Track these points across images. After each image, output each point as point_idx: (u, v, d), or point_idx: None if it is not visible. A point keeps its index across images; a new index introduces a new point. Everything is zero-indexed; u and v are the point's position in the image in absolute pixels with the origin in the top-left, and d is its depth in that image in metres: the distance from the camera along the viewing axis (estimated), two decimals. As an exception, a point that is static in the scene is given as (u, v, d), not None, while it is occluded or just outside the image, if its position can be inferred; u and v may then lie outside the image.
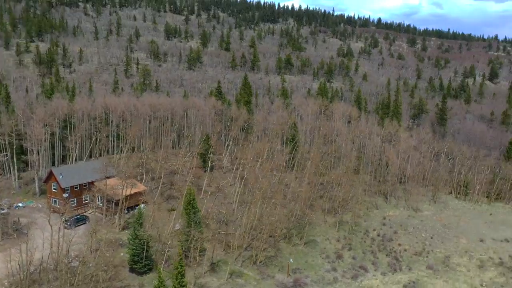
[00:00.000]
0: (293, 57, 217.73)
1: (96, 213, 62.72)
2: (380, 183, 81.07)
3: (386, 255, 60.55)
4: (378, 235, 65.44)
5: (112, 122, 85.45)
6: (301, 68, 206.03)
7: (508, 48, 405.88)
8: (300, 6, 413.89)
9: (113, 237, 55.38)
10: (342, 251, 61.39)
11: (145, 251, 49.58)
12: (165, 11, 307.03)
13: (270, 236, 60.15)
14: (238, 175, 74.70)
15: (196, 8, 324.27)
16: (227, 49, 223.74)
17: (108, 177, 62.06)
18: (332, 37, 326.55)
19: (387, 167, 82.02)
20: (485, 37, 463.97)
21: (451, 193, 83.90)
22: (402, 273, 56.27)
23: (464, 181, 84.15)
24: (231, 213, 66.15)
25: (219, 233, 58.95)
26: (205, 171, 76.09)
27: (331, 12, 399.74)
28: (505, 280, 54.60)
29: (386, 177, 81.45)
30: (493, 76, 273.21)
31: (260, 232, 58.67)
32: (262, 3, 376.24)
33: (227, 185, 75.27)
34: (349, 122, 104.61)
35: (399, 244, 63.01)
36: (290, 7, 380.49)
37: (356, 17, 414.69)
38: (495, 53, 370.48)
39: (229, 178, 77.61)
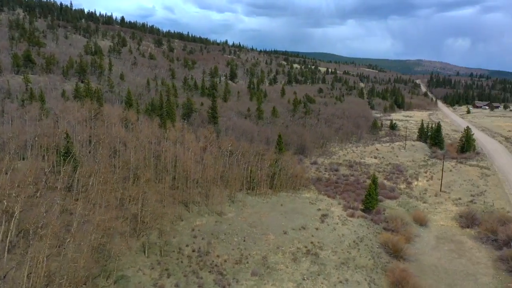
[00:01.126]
0: (33, 53, 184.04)
1: None
2: (178, 191, 74.55)
3: (209, 272, 54.82)
4: (193, 251, 59.01)
5: None
6: (47, 66, 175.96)
7: (237, 52, 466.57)
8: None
9: None
10: (161, 280, 52.00)
11: None
12: None
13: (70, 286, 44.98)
14: (-1, 211, 53.70)
15: None
16: None
17: None
18: (74, 33, 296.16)
19: (183, 172, 76.29)
20: (218, 41, 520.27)
21: (241, 189, 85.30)
22: (232, 288, 51.87)
23: (250, 177, 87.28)
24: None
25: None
26: None
27: (69, 6, 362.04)
28: (318, 268, 57.59)
29: (183, 183, 75.64)
30: (233, 76, 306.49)
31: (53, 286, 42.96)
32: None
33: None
34: (126, 126, 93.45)
35: (218, 256, 58.41)
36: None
37: (98, 14, 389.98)
38: (229, 56, 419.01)
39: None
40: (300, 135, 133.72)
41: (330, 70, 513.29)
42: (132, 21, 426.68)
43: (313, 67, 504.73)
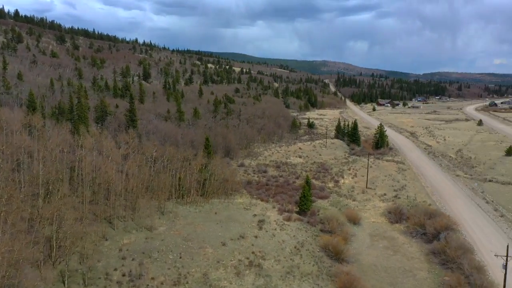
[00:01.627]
0: None
1: None
2: (99, 205, 65.80)
3: (145, 298, 48.25)
4: (124, 275, 51.64)
5: None
6: None
7: (149, 51, 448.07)
8: None
9: None
10: (87, 315, 44.32)
11: None
12: None
13: None
14: None
15: None
16: None
17: None
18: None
19: (104, 184, 67.65)
20: (128, 39, 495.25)
21: (169, 198, 78.59)
22: (173, 315, 45.90)
23: (179, 184, 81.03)
24: None
25: None
26: None
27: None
28: (264, 281, 53.88)
29: (104, 196, 67.02)
30: (146, 76, 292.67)
31: None
32: None
33: None
34: (31, 133, 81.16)
35: (152, 278, 51.79)
36: None
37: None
38: (141, 55, 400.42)
39: None
40: (225, 137, 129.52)
41: (244, 70, 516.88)
42: (29, 16, 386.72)
43: (227, 67, 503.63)
